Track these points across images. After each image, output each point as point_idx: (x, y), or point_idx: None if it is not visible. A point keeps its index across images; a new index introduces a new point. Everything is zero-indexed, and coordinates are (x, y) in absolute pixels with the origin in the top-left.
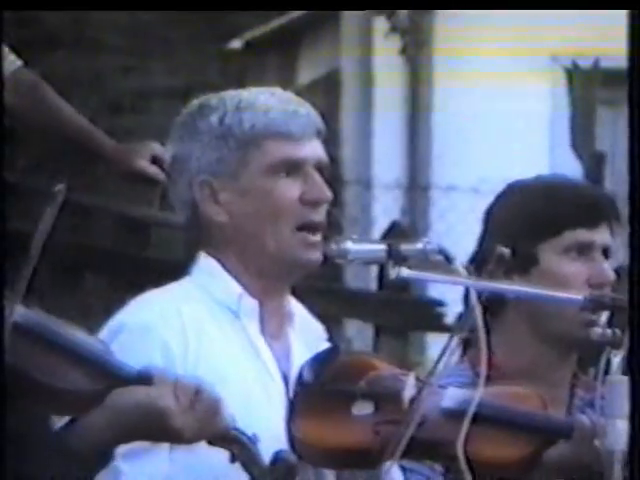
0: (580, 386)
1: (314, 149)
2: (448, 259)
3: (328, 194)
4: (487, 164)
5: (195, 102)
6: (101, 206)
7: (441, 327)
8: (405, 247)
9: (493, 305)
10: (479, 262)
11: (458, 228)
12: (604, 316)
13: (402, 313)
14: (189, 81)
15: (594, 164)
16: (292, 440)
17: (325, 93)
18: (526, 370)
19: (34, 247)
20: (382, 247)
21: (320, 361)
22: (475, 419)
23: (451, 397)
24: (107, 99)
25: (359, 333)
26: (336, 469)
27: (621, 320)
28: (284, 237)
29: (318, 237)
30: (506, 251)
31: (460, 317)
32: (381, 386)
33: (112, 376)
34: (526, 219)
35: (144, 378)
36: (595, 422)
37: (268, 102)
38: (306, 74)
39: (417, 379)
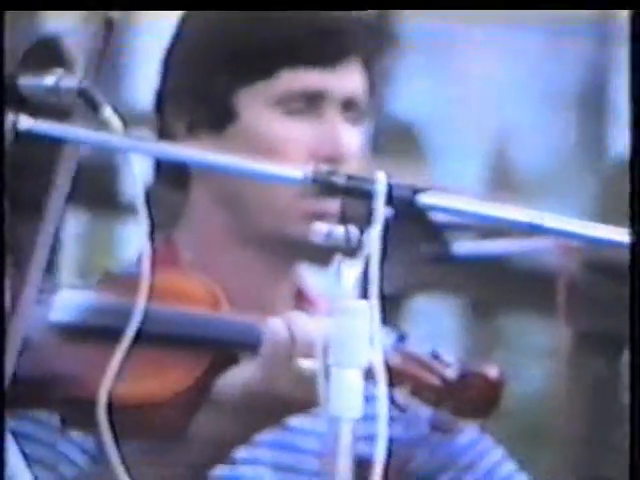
0: (307, 309)
1: None
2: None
3: None
4: None
5: None
6: None
7: None
8: None
9: (177, 177)
10: (158, 115)
11: None
12: (334, 205)
13: None
14: None
15: None
16: None
17: None
18: (228, 287)
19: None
20: None
21: None
22: (106, 336)
23: (63, 305)
24: None
25: None
26: None
27: (355, 213)
28: None
29: None
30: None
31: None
32: None
33: None
34: (221, 52)
35: None
36: (296, 335)
37: None
38: None
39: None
